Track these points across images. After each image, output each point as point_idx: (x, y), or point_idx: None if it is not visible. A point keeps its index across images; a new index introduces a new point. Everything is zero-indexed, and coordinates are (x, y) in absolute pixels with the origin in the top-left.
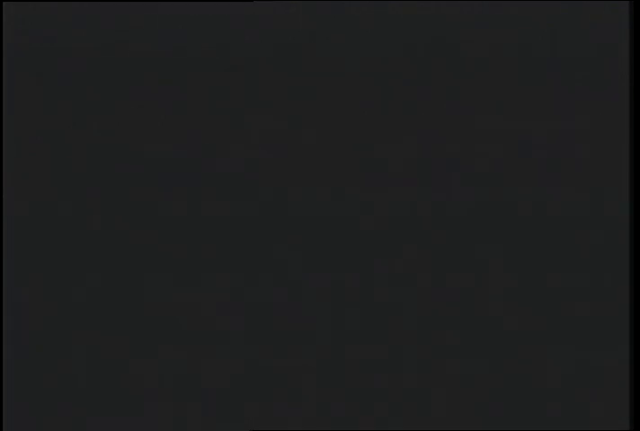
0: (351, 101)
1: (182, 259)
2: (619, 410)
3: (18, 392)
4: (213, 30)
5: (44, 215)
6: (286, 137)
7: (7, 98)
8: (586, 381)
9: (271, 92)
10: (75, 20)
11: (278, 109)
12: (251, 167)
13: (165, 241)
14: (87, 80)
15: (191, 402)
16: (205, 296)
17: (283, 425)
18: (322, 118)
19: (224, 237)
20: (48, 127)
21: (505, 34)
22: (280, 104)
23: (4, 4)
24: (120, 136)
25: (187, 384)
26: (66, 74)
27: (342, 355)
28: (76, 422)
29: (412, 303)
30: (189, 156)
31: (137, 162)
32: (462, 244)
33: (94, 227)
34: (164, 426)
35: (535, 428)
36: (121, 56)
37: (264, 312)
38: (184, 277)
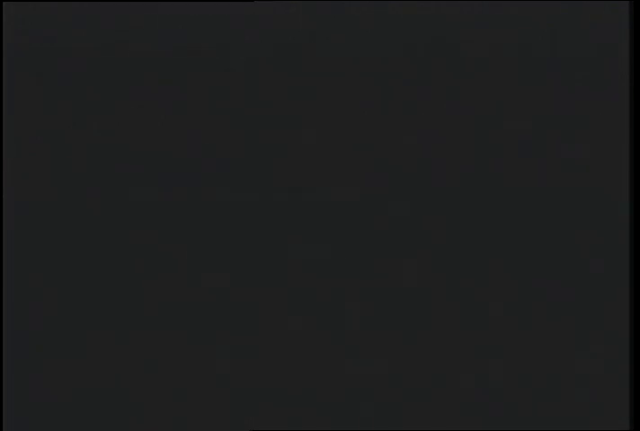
0: (351, 101)
1: (182, 258)
2: (619, 410)
3: (18, 392)
4: (213, 30)
5: (44, 215)
6: (286, 137)
7: (7, 98)
8: (586, 381)
9: (271, 92)
10: (75, 20)
11: (278, 109)
12: (251, 167)
13: (165, 241)
14: (87, 80)
15: (190, 402)
16: (205, 296)
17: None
18: (322, 118)
19: (224, 237)
20: (48, 127)
21: (505, 34)
22: (280, 104)
23: (4, 4)
24: (120, 136)
25: (187, 384)
26: (66, 74)
27: (342, 357)
28: (76, 422)
29: (411, 304)
30: (189, 156)
31: (137, 162)
32: (461, 244)
33: (94, 227)
34: (164, 425)
35: (535, 428)
36: (121, 56)
37: (264, 313)
38: (185, 277)
